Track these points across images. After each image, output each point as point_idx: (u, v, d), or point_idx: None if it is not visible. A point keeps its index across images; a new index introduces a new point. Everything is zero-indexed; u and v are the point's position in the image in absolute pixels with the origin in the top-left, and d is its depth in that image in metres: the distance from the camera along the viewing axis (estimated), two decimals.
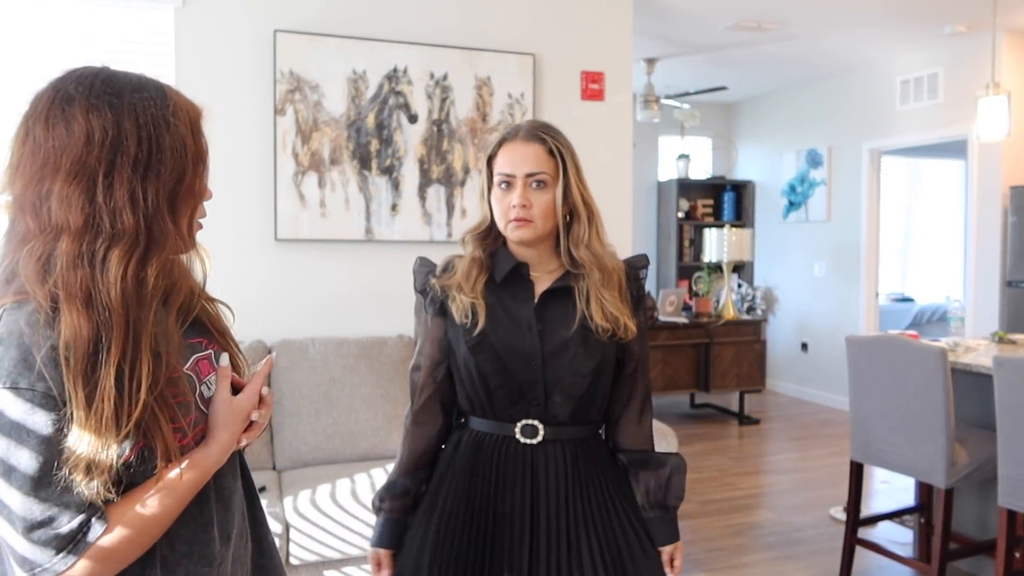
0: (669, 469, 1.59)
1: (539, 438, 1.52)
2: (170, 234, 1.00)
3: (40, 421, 0.90)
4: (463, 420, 1.61)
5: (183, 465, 0.99)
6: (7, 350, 0.90)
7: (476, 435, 1.56)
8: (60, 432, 0.91)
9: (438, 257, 1.66)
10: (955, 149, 7.00)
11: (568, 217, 1.54)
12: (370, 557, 1.62)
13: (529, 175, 1.50)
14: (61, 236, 0.94)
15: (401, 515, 1.60)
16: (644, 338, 1.62)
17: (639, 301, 1.59)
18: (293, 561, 2.71)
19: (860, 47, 5.87)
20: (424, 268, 1.63)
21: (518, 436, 1.53)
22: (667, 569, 1.58)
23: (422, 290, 1.62)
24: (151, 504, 0.97)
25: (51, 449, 0.90)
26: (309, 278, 3.57)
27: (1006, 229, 5.37)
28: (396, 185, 3.67)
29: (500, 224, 1.54)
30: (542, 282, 1.56)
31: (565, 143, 1.56)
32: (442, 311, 1.58)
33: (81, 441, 0.90)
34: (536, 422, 1.52)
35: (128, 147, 0.96)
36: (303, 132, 3.51)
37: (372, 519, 2.86)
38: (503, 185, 1.52)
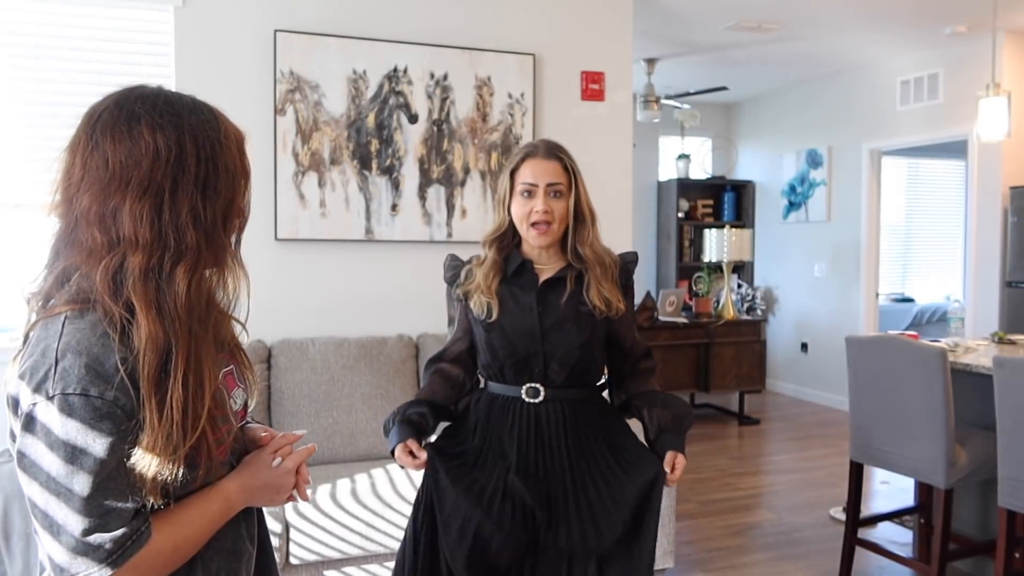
0: (676, 409, 1.89)
1: (540, 398, 1.86)
2: (225, 250, 1.04)
3: (105, 429, 0.92)
4: (482, 386, 1.97)
5: (222, 490, 1.08)
6: (76, 358, 0.93)
7: (490, 396, 1.92)
8: (123, 442, 0.94)
9: (443, 255, 2.04)
10: (955, 149, 7.00)
11: (574, 221, 1.88)
12: (398, 455, 1.81)
13: (549, 185, 1.85)
14: (132, 250, 0.97)
15: (415, 420, 1.85)
16: (631, 314, 1.98)
17: (627, 287, 1.96)
18: (293, 561, 2.71)
19: (860, 47, 5.87)
20: (453, 264, 2.01)
21: (524, 396, 1.87)
22: (668, 470, 1.79)
23: (451, 282, 1.99)
24: (190, 522, 1.03)
25: (112, 458, 0.93)
26: (309, 278, 3.58)
27: (1006, 229, 5.37)
28: (396, 185, 3.67)
29: (521, 228, 1.88)
30: (545, 273, 1.92)
31: (574, 161, 1.91)
32: (466, 300, 1.95)
33: (152, 448, 0.94)
34: (538, 385, 1.87)
35: (190, 166, 0.99)
36: (303, 132, 3.51)
37: (372, 519, 2.87)
38: (525, 193, 1.86)
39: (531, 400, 1.87)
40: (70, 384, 0.92)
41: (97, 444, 0.92)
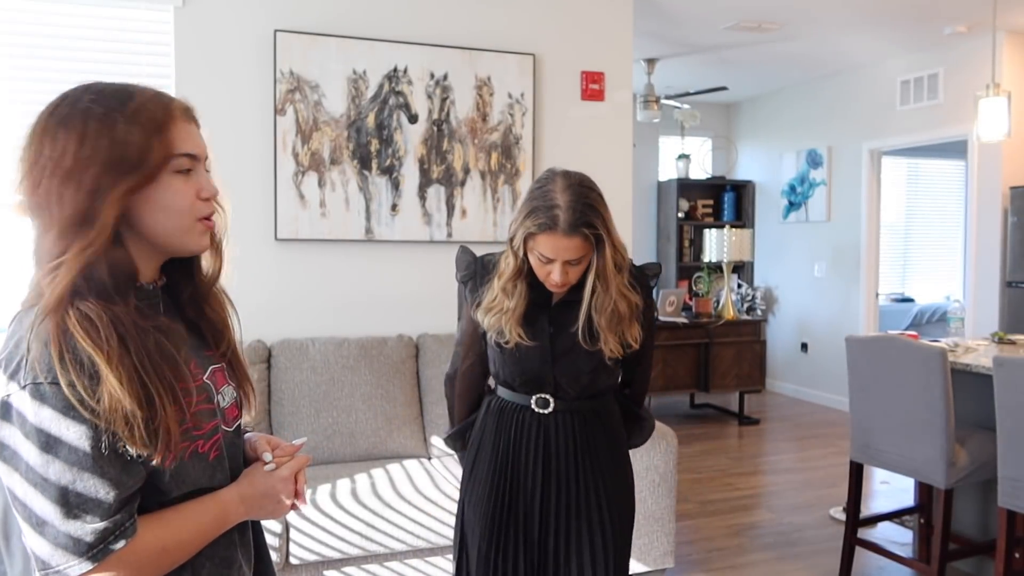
0: (640, 429, 2.05)
1: (550, 409, 1.87)
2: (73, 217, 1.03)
3: (78, 417, 0.92)
4: (493, 388, 1.98)
5: (217, 499, 1.08)
6: (46, 348, 0.93)
7: (501, 402, 1.94)
8: (98, 431, 0.93)
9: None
10: (955, 149, 7.01)
11: (596, 282, 1.75)
12: None
13: (567, 261, 1.71)
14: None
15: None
16: (650, 336, 1.92)
17: (648, 307, 1.87)
18: (293, 561, 2.71)
19: (860, 47, 5.87)
20: (465, 258, 1.93)
21: (533, 407, 1.87)
22: None
23: (463, 281, 1.92)
24: (181, 525, 1.02)
25: (87, 447, 0.92)
26: (309, 278, 3.57)
27: (1006, 229, 5.37)
28: (396, 185, 3.67)
29: (538, 277, 1.77)
30: (556, 294, 1.84)
31: (602, 219, 1.70)
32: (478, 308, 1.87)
33: (114, 401, 0.93)
34: (548, 396, 1.87)
35: None
36: (303, 132, 3.51)
37: (372, 519, 2.87)
38: (542, 259, 1.72)
39: (541, 411, 1.87)
40: (41, 373, 0.92)
41: (71, 433, 0.92)
